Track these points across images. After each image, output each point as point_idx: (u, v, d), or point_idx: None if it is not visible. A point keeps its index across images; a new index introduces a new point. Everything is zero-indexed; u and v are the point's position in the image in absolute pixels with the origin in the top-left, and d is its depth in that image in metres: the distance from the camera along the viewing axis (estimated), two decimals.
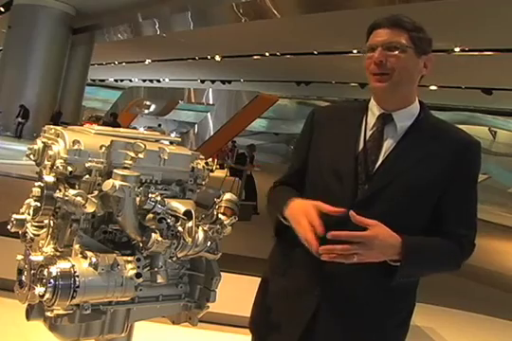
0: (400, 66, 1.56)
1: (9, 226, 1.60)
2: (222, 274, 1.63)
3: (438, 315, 4.79)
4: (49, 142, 1.45)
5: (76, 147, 1.38)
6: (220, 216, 1.55)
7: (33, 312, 1.44)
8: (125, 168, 1.40)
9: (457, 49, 13.39)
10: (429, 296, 4.83)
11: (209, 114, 17.14)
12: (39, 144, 1.49)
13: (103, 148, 1.41)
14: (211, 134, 15.84)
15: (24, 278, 1.41)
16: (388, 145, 1.61)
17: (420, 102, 1.68)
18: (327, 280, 1.53)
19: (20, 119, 17.64)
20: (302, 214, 1.51)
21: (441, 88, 18.85)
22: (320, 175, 1.65)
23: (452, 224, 1.61)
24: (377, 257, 1.47)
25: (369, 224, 1.45)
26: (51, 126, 1.52)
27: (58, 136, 1.44)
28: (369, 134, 1.64)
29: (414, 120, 1.63)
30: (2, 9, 19.08)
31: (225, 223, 1.53)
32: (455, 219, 1.61)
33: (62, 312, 1.36)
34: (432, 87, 18.83)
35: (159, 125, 29.57)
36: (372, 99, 1.69)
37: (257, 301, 1.78)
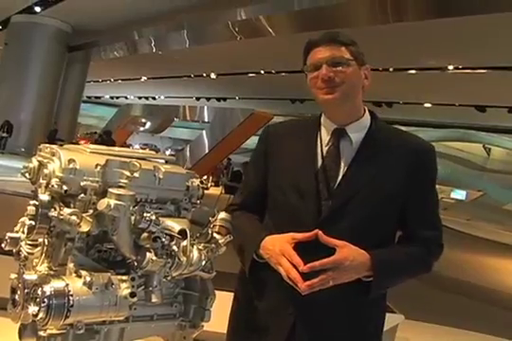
0: (348, 80, 1.60)
1: (2, 244, 1.59)
2: (216, 292, 1.62)
3: (433, 333, 4.76)
4: (45, 161, 1.45)
5: (71, 166, 1.38)
6: (215, 235, 1.55)
7: (26, 331, 1.43)
8: (120, 187, 1.40)
9: (451, 67, 13.50)
10: (425, 314, 4.82)
11: (204, 131, 17.17)
12: (34, 162, 1.49)
13: (99, 167, 1.41)
14: (206, 151, 15.85)
15: (17, 296, 1.40)
16: (345, 160, 1.64)
17: (370, 113, 1.72)
18: (300, 299, 1.53)
19: (4, 134, 17.54)
20: (280, 253, 1.54)
21: (435, 105, 18.98)
22: (283, 194, 1.67)
23: (416, 228, 1.66)
24: (351, 277, 1.52)
25: (337, 245, 1.50)
26: (47, 145, 1.52)
27: (53, 155, 1.44)
28: (325, 149, 1.66)
29: (367, 132, 1.67)
30: (0, 27, 19.19)
31: (219, 242, 1.53)
32: (418, 222, 1.66)
33: (55, 331, 1.35)
34: (427, 104, 18.96)
35: (155, 146, 29.57)
36: (323, 116, 1.72)
37: (231, 320, 1.79)
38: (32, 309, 1.30)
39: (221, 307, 1.69)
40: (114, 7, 15.18)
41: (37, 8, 17.08)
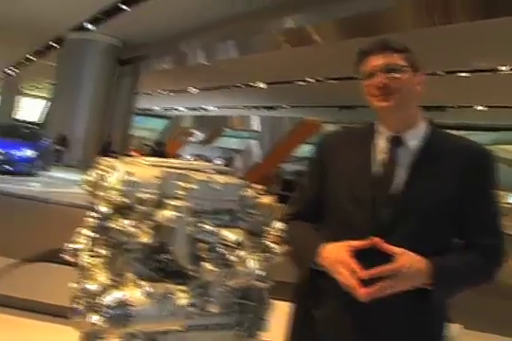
0: (404, 86, 1.59)
1: (63, 255, 1.64)
2: (273, 302, 1.62)
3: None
4: (103, 174, 1.49)
5: (129, 178, 1.41)
6: (271, 244, 1.56)
7: (87, 340, 1.47)
8: (177, 198, 1.42)
9: (503, 68, 13.17)
10: (487, 325, 4.68)
11: (252, 140, 17.24)
12: (93, 175, 1.53)
13: (156, 179, 1.44)
14: (256, 160, 15.91)
15: (78, 305, 1.44)
16: (401, 167, 1.62)
17: (427, 119, 1.70)
18: (357, 307, 1.52)
19: (60, 147, 17.98)
20: (338, 262, 1.53)
21: (487, 108, 18.56)
22: (339, 203, 1.67)
23: (475, 235, 1.62)
24: (408, 285, 1.50)
25: (395, 252, 1.49)
26: (105, 158, 1.57)
27: (111, 168, 1.48)
28: (381, 157, 1.65)
29: (424, 139, 1.65)
30: (54, 45, 19.91)
31: (276, 251, 1.53)
32: (476, 229, 1.63)
33: (115, 340, 1.38)
34: (479, 107, 18.55)
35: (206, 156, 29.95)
36: (378, 123, 1.71)
37: (289, 329, 1.79)
38: (93, 318, 1.32)
39: (278, 316, 1.69)
40: (162, 20, 15.51)
41: (89, 26, 17.63)
